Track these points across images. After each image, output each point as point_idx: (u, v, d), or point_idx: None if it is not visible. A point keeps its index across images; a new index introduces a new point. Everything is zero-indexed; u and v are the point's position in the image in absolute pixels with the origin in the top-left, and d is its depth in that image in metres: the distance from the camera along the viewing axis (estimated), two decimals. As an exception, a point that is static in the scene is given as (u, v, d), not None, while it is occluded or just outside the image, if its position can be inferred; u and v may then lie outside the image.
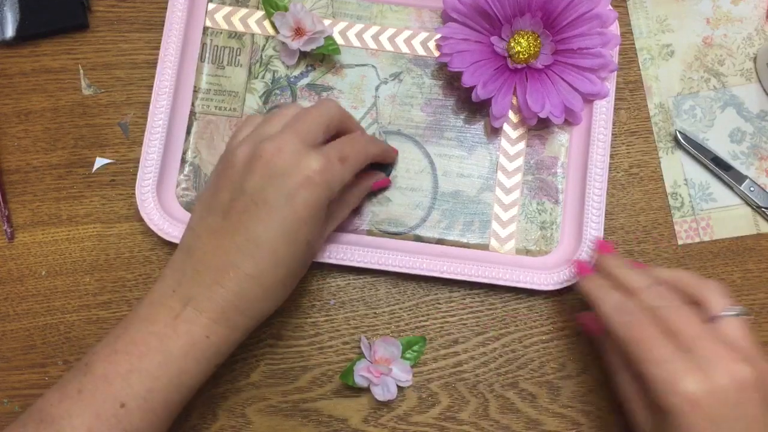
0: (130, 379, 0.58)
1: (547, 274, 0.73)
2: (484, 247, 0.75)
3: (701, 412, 0.53)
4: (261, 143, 0.61)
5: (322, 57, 0.78)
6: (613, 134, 0.78)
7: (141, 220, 0.75)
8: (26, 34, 0.78)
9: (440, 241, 0.76)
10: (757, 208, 0.77)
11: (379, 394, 0.71)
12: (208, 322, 0.60)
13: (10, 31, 0.77)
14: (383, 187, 0.76)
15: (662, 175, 0.78)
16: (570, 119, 0.76)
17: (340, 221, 0.71)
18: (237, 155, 0.62)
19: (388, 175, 0.76)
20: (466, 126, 0.77)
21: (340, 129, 0.67)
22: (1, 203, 0.76)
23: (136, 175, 0.74)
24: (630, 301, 0.61)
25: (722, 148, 0.78)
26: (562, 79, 0.74)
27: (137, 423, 0.59)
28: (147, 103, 0.76)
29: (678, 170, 0.78)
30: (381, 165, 0.75)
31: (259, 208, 0.59)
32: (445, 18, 0.76)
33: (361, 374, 0.71)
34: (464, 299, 0.75)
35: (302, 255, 0.62)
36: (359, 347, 0.75)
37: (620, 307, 0.61)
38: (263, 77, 0.77)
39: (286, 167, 0.59)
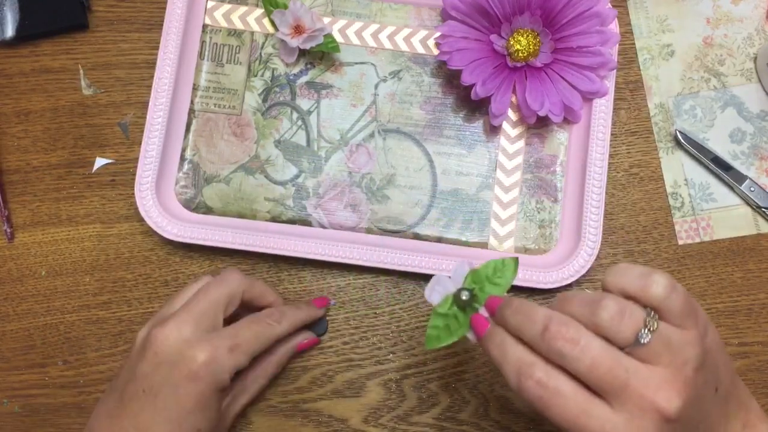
0: None
1: (546, 273, 0.73)
2: (483, 245, 0.75)
3: None
4: (154, 327, 0.62)
5: (322, 55, 0.78)
6: (613, 134, 0.78)
7: (141, 220, 0.75)
8: (26, 34, 0.78)
9: (439, 239, 0.76)
10: (757, 208, 0.77)
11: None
12: None
13: (10, 31, 0.78)
14: (311, 347, 0.75)
15: (662, 175, 0.78)
16: (569, 118, 0.76)
17: (255, 394, 0.71)
18: (138, 337, 0.64)
19: (323, 330, 0.76)
20: (466, 124, 0.77)
21: (246, 301, 0.67)
22: (1, 203, 0.76)
23: (135, 174, 0.74)
24: (532, 356, 0.50)
25: (722, 148, 0.78)
26: (562, 77, 0.74)
27: None
28: (146, 103, 0.76)
29: (678, 170, 0.78)
30: (313, 323, 0.75)
31: (147, 396, 0.60)
32: (445, 16, 0.76)
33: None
34: (464, 298, 0.75)
35: None
36: (359, 347, 0.75)
37: (523, 370, 0.50)
38: (262, 75, 0.78)
39: (172, 356, 0.60)
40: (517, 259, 0.59)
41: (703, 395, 0.51)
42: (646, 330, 0.48)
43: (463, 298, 0.57)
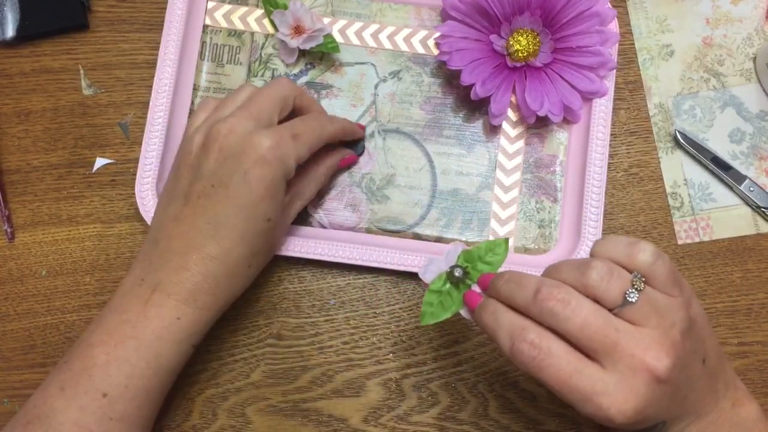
0: (109, 368, 0.60)
1: (546, 273, 0.73)
2: (483, 245, 0.75)
3: (638, 419, 0.51)
4: (214, 126, 0.62)
5: (322, 55, 0.78)
6: (612, 134, 0.78)
7: (141, 220, 0.75)
8: (26, 34, 0.78)
9: (439, 239, 0.76)
10: (756, 208, 0.77)
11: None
12: (177, 304, 0.61)
13: (10, 31, 0.78)
14: (351, 164, 0.77)
15: (662, 175, 0.78)
16: (569, 118, 0.76)
17: (308, 200, 0.72)
18: (193, 141, 0.64)
19: (360, 151, 0.77)
20: (465, 124, 0.77)
21: (296, 108, 0.68)
22: (1, 203, 0.76)
23: (136, 174, 0.74)
24: (524, 321, 0.52)
25: (722, 148, 0.78)
26: (561, 77, 0.74)
27: (121, 410, 0.60)
28: (147, 103, 0.76)
29: (678, 170, 0.78)
30: (351, 143, 0.77)
31: (217, 190, 0.61)
32: (445, 16, 0.76)
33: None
34: (464, 298, 0.75)
35: (264, 233, 0.64)
36: (359, 347, 0.75)
37: (516, 333, 0.51)
38: (263, 75, 0.78)
39: (239, 147, 0.61)
40: (507, 240, 0.61)
41: (691, 363, 0.53)
42: (633, 289, 0.51)
43: (456, 274, 0.60)
